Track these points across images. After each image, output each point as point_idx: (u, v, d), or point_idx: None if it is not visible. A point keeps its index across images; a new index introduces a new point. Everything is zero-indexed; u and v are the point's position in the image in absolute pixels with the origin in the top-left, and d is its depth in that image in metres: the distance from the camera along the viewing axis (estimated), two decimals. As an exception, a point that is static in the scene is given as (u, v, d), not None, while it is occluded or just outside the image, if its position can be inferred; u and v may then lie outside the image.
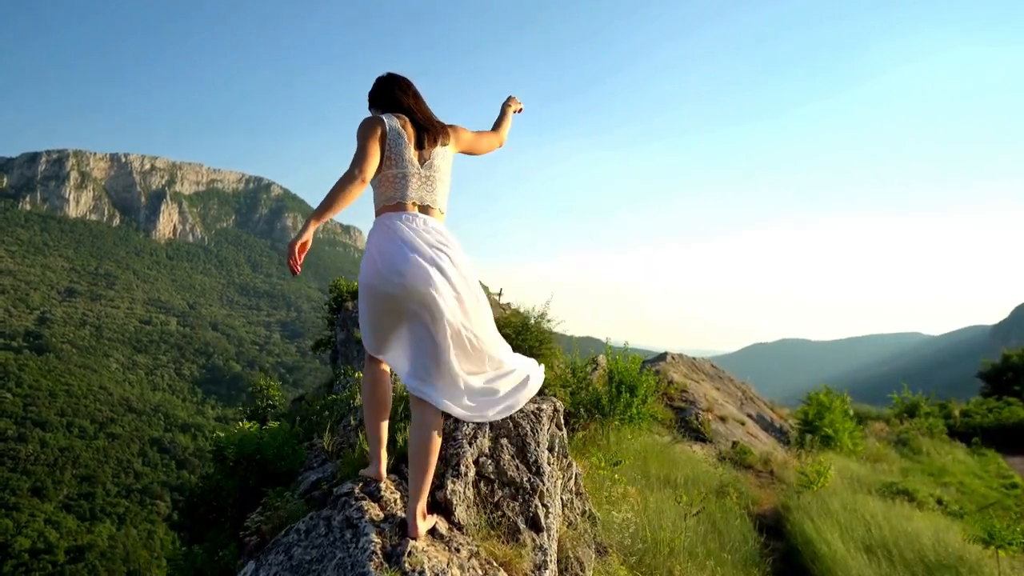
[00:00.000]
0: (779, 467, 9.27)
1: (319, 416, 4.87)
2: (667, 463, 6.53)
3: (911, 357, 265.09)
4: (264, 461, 4.26)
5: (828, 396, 13.31)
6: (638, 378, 7.17)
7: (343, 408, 4.75)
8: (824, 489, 7.09)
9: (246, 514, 3.72)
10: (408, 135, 2.87)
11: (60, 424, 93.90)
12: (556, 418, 4.14)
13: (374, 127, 2.82)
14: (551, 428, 4.00)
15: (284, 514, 3.28)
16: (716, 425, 10.62)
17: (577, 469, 4.06)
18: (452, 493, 3.18)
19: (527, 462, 3.58)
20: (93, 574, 61.74)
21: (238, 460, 4.29)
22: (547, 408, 4.01)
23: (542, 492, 3.48)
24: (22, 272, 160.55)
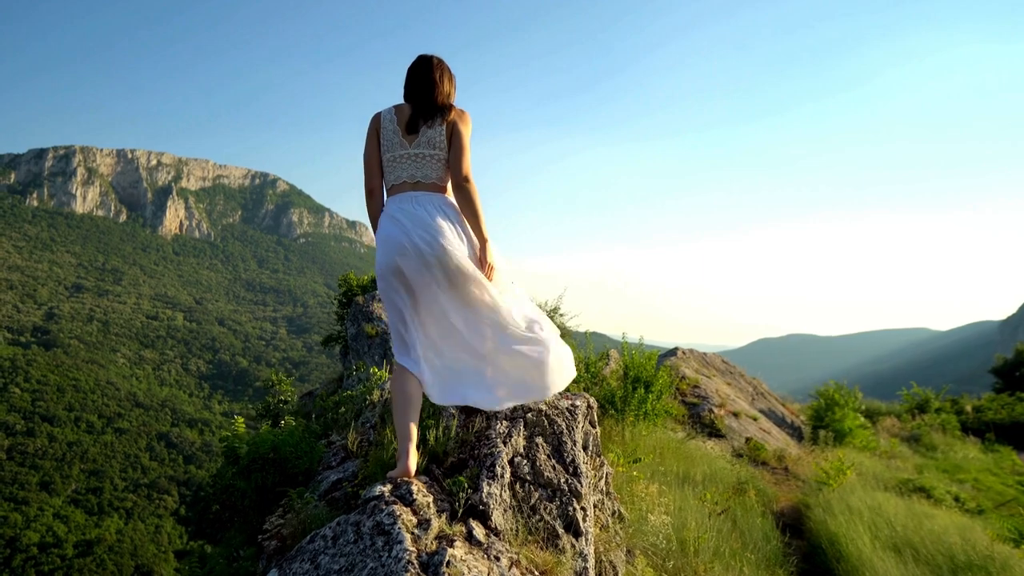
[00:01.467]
0: (793, 463, 9.14)
1: (334, 413, 4.70)
2: (683, 459, 6.41)
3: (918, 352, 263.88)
4: (280, 460, 4.09)
5: (839, 391, 13.17)
6: (654, 374, 7.06)
7: (359, 404, 4.60)
8: (843, 486, 6.97)
9: (264, 516, 3.56)
10: (401, 119, 3.19)
11: (68, 419, 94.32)
12: (590, 415, 3.95)
13: (369, 129, 3.25)
14: (585, 425, 3.81)
15: (305, 517, 3.11)
16: (729, 421, 10.50)
17: (608, 468, 3.89)
18: (488, 496, 3.00)
19: (563, 462, 3.42)
20: (101, 568, 61.94)
21: (253, 460, 4.13)
22: (581, 405, 3.80)
23: (580, 494, 3.32)
24: (30, 268, 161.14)
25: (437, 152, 3.15)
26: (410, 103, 3.23)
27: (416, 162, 3.15)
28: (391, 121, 3.19)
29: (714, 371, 14.46)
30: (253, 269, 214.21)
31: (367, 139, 3.24)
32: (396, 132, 3.17)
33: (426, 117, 3.16)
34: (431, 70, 3.24)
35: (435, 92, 3.21)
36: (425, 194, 3.15)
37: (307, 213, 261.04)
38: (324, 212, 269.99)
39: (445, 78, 3.26)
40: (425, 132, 3.14)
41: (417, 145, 3.14)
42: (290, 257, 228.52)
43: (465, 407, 3.43)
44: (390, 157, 3.18)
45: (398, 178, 3.17)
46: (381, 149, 3.21)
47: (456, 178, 3.13)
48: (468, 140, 3.18)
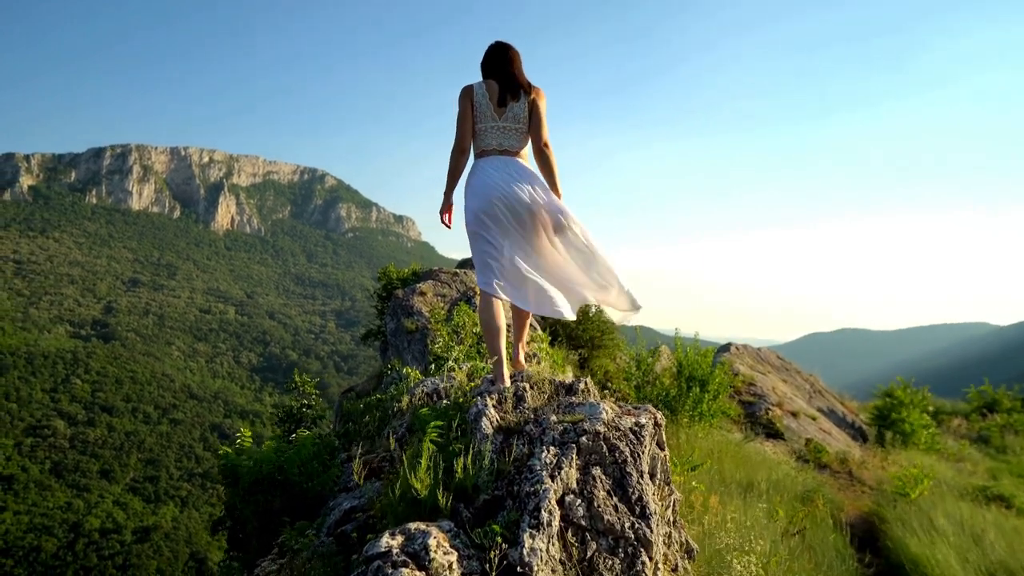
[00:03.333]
0: (857, 467, 8.59)
1: (359, 421, 4.24)
2: (743, 464, 5.98)
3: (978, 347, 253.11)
4: (288, 482, 3.62)
5: (905, 389, 12.43)
6: (709, 372, 6.64)
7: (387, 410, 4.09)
8: (922, 497, 6.40)
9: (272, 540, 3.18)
10: (492, 94, 3.68)
11: (126, 410, 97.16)
12: (658, 435, 3.26)
13: (464, 98, 3.69)
14: (652, 448, 3.12)
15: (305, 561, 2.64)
16: (788, 421, 9.96)
17: (677, 495, 3.19)
18: (531, 553, 2.30)
19: (628, 500, 2.72)
20: (158, 554, 63.53)
21: (256, 481, 3.61)
22: (647, 423, 3.12)
23: (649, 542, 2.60)
24: (89, 263, 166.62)
25: (520, 126, 3.70)
26: (496, 80, 3.71)
27: (503, 133, 3.68)
28: (484, 95, 3.67)
29: (769, 368, 13.84)
30: (302, 263, 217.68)
31: (461, 106, 3.68)
32: (488, 106, 3.66)
33: (513, 95, 3.67)
34: (514, 54, 3.78)
35: (518, 73, 3.74)
36: (511, 158, 3.70)
37: (355, 208, 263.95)
38: (371, 207, 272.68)
39: (520, 61, 3.79)
40: (512, 108, 3.67)
41: (504, 119, 3.67)
42: (338, 251, 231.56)
43: (506, 429, 3.05)
44: (481, 127, 3.69)
45: (488, 145, 3.70)
46: (475, 118, 3.68)
47: (537, 144, 3.72)
48: (545, 113, 3.73)
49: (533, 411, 3.18)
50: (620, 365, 7.49)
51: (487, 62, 3.82)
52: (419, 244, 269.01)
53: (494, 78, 3.73)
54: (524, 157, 3.78)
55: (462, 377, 3.85)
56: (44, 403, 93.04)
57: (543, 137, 3.71)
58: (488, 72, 3.79)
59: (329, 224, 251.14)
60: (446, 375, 4.06)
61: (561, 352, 6.21)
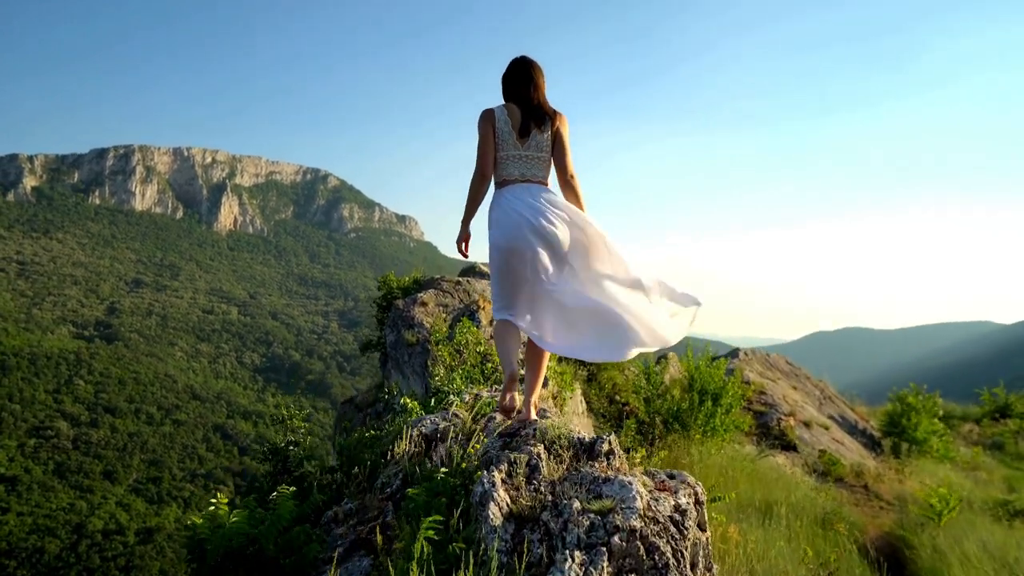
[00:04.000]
0: (873, 480, 8.33)
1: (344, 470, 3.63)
2: (758, 482, 5.70)
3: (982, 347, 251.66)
4: (263, 557, 3.08)
5: (916, 396, 12.16)
6: (722, 385, 6.38)
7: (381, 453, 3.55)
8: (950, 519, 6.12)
9: None
10: (514, 122, 3.48)
11: (129, 410, 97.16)
12: (700, 515, 2.71)
13: (485, 122, 3.49)
14: (694, 534, 2.61)
15: None
16: (800, 431, 9.69)
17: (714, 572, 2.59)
18: None
19: None
20: (161, 555, 63.46)
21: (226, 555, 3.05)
22: (688, 505, 2.64)
23: None
24: (92, 264, 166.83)
25: (543, 155, 3.52)
26: (517, 105, 3.52)
27: (526, 162, 3.49)
28: (505, 123, 3.48)
29: (779, 374, 13.57)
30: (305, 264, 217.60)
31: (483, 130, 3.48)
32: (510, 134, 3.47)
33: (538, 123, 3.48)
34: (538, 76, 3.59)
35: (543, 100, 3.57)
36: (535, 186, 3.49)
37: (357, 208, 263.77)
38: (374, 207, 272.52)
39: (544, 83, 3.60)
40: (535, 136, 3.48)
41: (527, 148, 3.48)
42: (341, 252, 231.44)
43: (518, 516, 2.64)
44: (503, 156, 3.49)
45: (510, 175, 3.50)
46: (496, 146, 3.49)
47: (563, 176, 3.55)
48: (569, 140, 3.55)
49: (551, 489, 2.67)
50: (629, 377, 7.24)
51: (509, 82, 3.62)
52: (422, 244, 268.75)
53: (516, 103, 3.55)
54: (548, 185, 3.60)
55: (466, 416, 3.57)
56: (47, 404, 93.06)
57: (569, 168, 3.56)
58: (510, 94, 3.61)
59: (332, 224, 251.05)
60: (448, 411, 3.77)
61: (569, 369, 5.97)
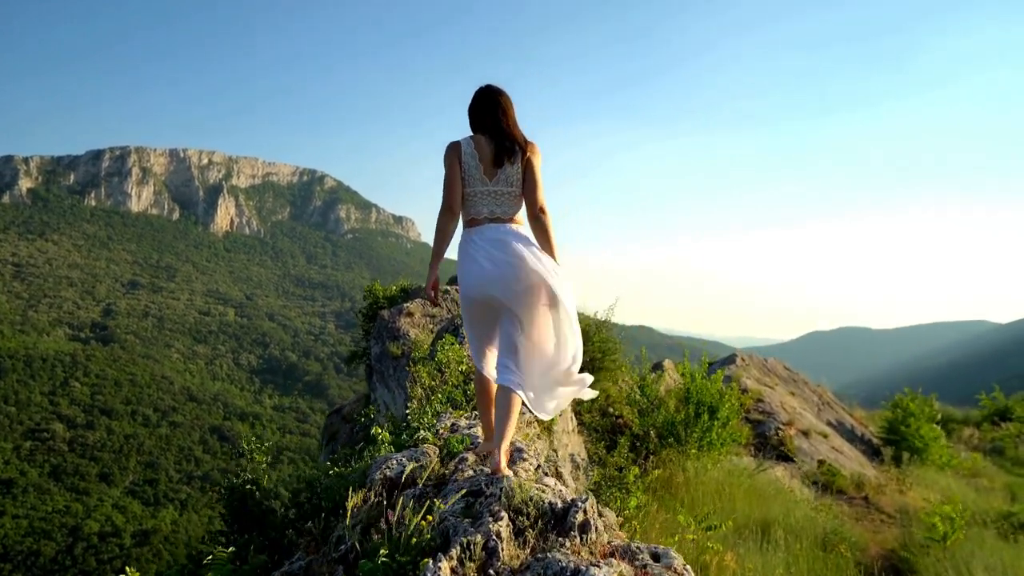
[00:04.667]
0: (874, 492, 8.14)
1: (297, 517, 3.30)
2: (756, 499, 5.52)
3: (978, 346, 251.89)
4: None
5: (914, 401, 11.98)
6: (719, 397, 6.19)
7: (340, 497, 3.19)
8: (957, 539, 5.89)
9: None
10: (483, 154, 3.23)
11: (125, 412, 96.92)
12: None
13: (451, 156, 3.25)
14: None
15: None
16: (798, 441, 9.49)
17: None
18: None
19: None
20: (157, 558, 63.18)
21: None
22: None
23: None
24: (88, 266, 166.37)
25: (514, 189, 3.26)
26: (486, 136, 3.27)
27: (495, 199, 3.25)
28: (472, 156, 3.24)
29: (776, 379, 13.37)
30: (302, 265, 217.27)
31: (449, 164, 3.25)
32: (477, 168, 3.24)
33: (508, 154, 3.23)
34: (507, 105, 3.34)
35: (514, 130, 3.29)
36: (504, 226, 3.25)
37: (354, 209, 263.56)
38: (371, 208, 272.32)
39: (514, 111, 3.35)
40: (504, 171, 3.23)
41: (496, 183, 3.24)
42: (338, 253, 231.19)
43: None
44: (470, 192, 3.26)
45: (478, 212, 3.27)
46: (463, 182, 3.25)
47: (532, 210, 3.25)
48: (540, 172, 3.28)
49: None
50: (623, 388, 7.07)
51: (475, 112, 3.37)
52: (418, 245, 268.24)
53: (485, 133, 3.29)
54: (519, 222, 3.33)
55: (435, 458, 3.35)
56: (43, 406, 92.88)
57: (539, 202, 3.26)
58: (477, 124, 3.35)
59: (329, 225, 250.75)
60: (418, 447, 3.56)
61: None
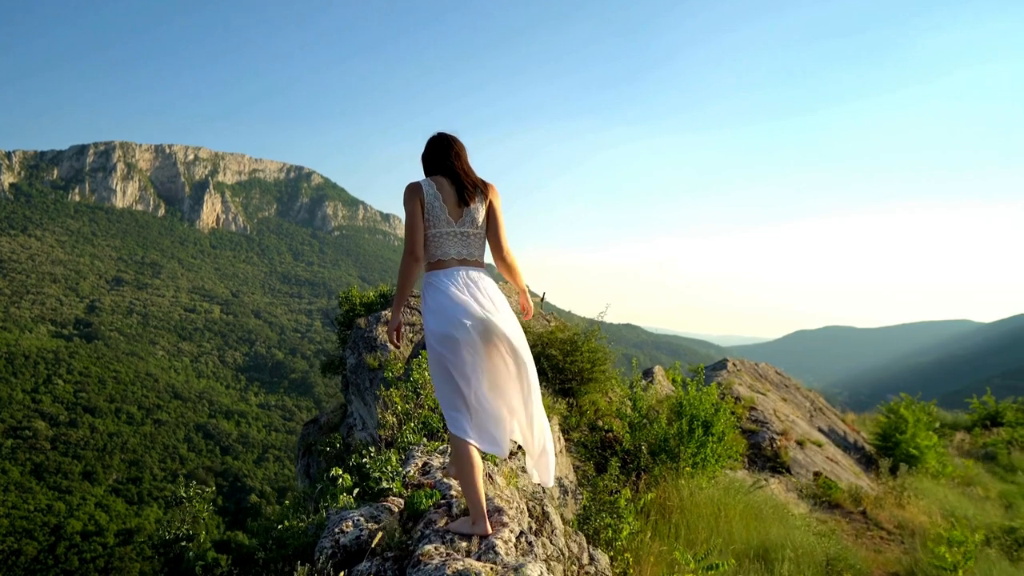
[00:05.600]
0: (872, 505, 7.90)
1: None
2: (753, 520, 5.26)
3: (961, 346, 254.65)
4: None
5: (909, 407, 11.78)
6: (714, 412, 5.92)
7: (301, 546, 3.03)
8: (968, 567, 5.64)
9: None
10: (446, 196, 3.21)
11: (109, 410, 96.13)
12: None
13: (412, 198, 3.19)
14: None
15: None
16: (793, 452, 9.26)
17: None
18: None
19: None
20: (141, 557, 62.70)
21: None
22: None
23: None
24: (72, 262, 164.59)
25: (479, 231, 3.25)
26: (447, 178, 3.25)
27: (463, 240, 3.22)
28: (435, 196, 3.20)
29: (768, 385, 13.15)
30: (288, 262, 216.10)
31: (412, 207, 3.20)
32: (442, 208, 3.20)
33: (470, 195, 3.22)
34: (460, 149, 3.33)
35: (471, 171, 3.30)
36: (474, 270, 3.22)
37: (341, 206, 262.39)
38: (358, 205, 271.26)
39: (467, 156, 3.35)
40: (468, 212, 3.22)
41: (462, 224, 3.21)
42: (325, 250, 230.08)
43: None
44: (435, 233, 3.20)
45: (445, 254, 3.21)
46: (426, 223, 3.21)
47: (499, 252, 3.30)
48: (501, 212, 3.32)
49: None
50: (613, 400, 6.80)
51: (431, 157, 3.34)
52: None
53: (444, 175, 3.26)
54: (484, 266, 3.33)
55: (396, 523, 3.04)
56: (25, 404, 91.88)
57: (503, 243, 3.30)
58: (433, 168, 3.32)
59: (315, 222, 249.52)
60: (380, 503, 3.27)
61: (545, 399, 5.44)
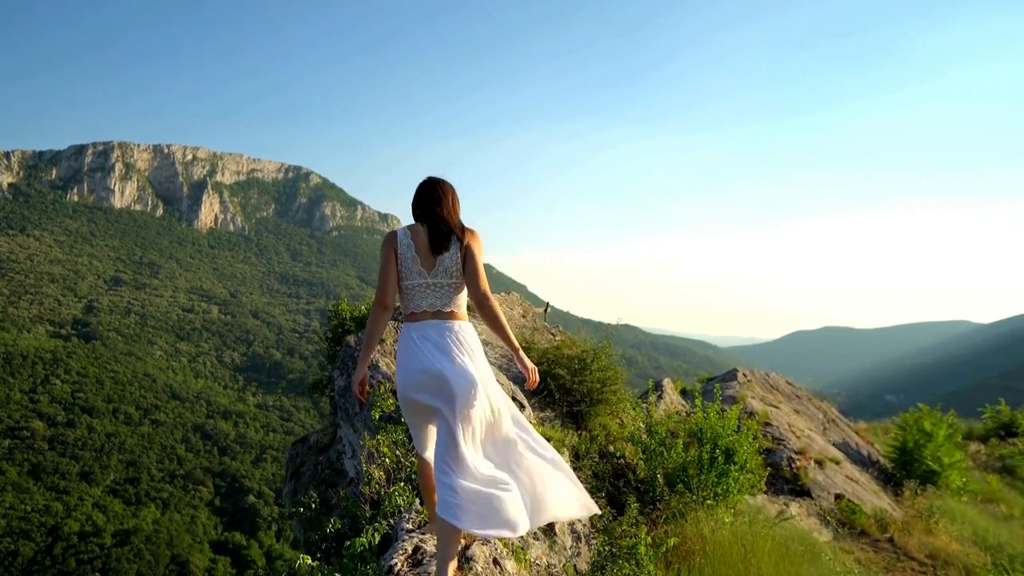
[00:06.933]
0: (900, 532, 7.45)
1: None
2: (783, 562, 4.75)
3: (960, 346, 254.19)
4: None
5: (930, 419, 11.17)
6: (736, 437, 5.42)
7: None
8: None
9: None
10: (419, 245, 3.14)
11: (107, 410, 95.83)
12: None
13: (386, 248, 3.17)
14: None
15: None
16: (813, 472, 8.80)
17: None
18: None
19: None
20: (138, 558, 62.54)
21: None
22: None
23: None
24: (70, 262, 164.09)
25: (454, 281, 3.13)
26: (424, 224, 3.18)
27: (435, 292, 3.13)
28: (408, 247, 3.14)
29: (780, 397, 12.66)
30: (287, 262, 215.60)
31: (385, 256, 3.16)
32: (414, 260, 3.13)
33: (444, 242, 3.12)
34: (445, 192, 3.22)
35: (450, 216, 3.18)
36: (446, 322, 3.11)
37: (339, 206, 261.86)
38: (356, 205, 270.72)
39: (454, 202, 3.25)
40: (442, 261, 3.11)
41: (435, 274, 3.12)
42: (323, 250, 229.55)
43: None
44: (408, 285, 3.14)
45: (417, 307, 3.14)
46: (399, 274, 3.15)
47: (476, 298, 3.09)
48: (481, 260, 3.15)
49: None
50: (624, 423, 6.36)
51: (416, 204, 3.26)
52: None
53: (423, 222, 3.19)
54: (463, 317, 3.19)
55: None
56: (23, 404, 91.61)
57: (481, 288, 3.06)
58: (417, 215, 3.25)
59: (314, 222, 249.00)
60: None
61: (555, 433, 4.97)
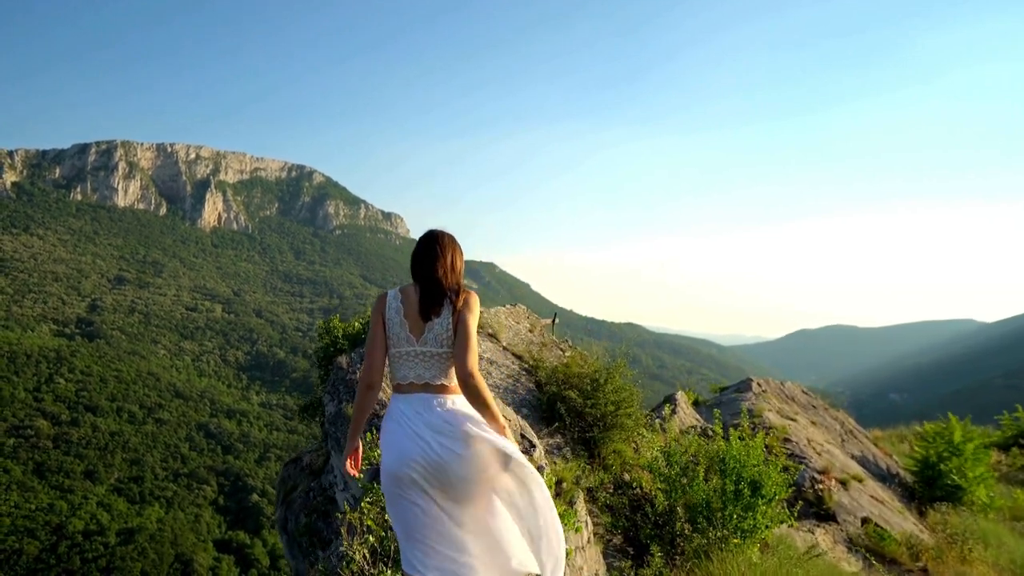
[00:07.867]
0: (933, 560, 7.05)
1: None
2: None
3: (964, 345, 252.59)
4: None
5: (961, 432, 10.55)
6: (762, 468, 5.05)
7: None
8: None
9: None
10: (408, 308, 2.88)
11: (111, 409, 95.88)
12: None
13: (375, 312, 2.93)
14: None
15: None
16: (837, 494, 8.39)
17: None
18: None
19: None
20: (142, 556, 62.55)
21: None
22: None
23: None
24: (74, 261, 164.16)
25: (444, 349, 2.84)
26: (417, 285, 2.92)
27: (423, 361, 2.85)
28: (397, 311, 2.89)
29: (797, 408, 12.20)
30: (290, 261, 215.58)
31: (372, 323, 2.92)
32: (403, 325, 2.88)
33: (434, 305, 2.85)
34: (442, 250, 2.92)
35: (445, 277, 2.89)
36: (435, 397, 2.83)
37: (343, 205, 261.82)
38: (360, 204, 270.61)
39: (455, 258, 2.95)
40: (432, 328, 2.84)
41: (424, 343, 2.85)
42: (326, 249, 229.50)
43: None
44: (395, 353, 2.89)
45: (404, 377, 2.87)
46: (388, 341, 2.90)
47: (461, 373, 2.74)
48: (474, 330, 2.83)
49: None
50: (640, 449, 5.99)
51: (412, 262, 2.97)
52: (407, 241, 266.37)
53: (417, 282, 2.91)
54: (455, 391, 2.87)
55: None
56: (27, 403, 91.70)
57: (468, 364, 2.71)
58: (412, 274, 2.96)
59: (317, 221, 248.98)
60: None
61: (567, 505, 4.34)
